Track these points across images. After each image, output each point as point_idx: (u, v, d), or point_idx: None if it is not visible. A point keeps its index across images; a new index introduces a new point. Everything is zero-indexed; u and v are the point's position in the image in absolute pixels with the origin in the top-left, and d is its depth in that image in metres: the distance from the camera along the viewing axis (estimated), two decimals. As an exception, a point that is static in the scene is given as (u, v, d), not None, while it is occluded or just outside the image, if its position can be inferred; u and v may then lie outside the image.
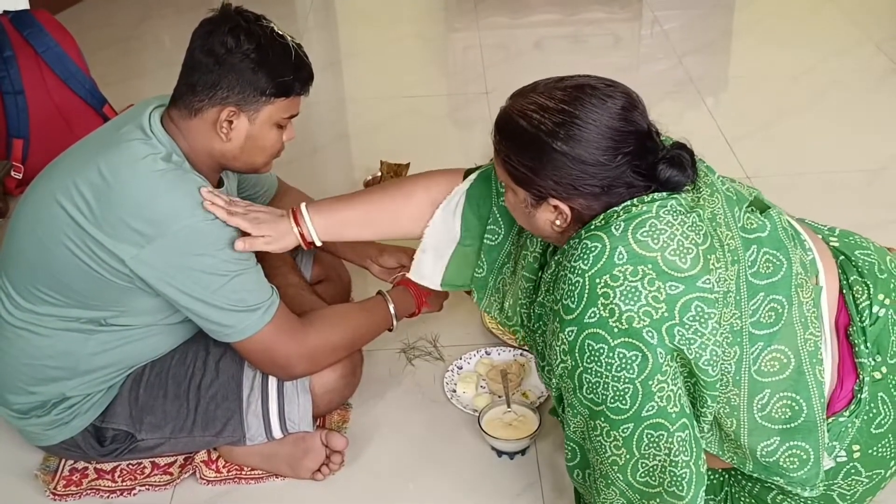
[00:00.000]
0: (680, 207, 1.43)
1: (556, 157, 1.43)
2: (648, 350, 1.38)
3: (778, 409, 1.51)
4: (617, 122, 1.43)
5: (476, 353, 2.26)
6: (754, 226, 1.52)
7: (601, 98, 1.43)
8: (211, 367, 1.88)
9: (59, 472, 1.98)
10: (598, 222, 1.44)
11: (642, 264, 1.38)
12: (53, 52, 3.10)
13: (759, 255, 1.50)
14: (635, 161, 1.44)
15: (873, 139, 3.19)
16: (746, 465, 1.57)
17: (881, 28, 4.11)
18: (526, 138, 1.46)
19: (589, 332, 1.40)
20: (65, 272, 1.71)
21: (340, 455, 1.93)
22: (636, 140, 1.44)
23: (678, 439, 1.43)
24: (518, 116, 1.47)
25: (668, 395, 1.41)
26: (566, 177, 1.44)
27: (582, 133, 1.41)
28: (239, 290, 1.70)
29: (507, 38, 4.35)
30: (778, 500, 1.64)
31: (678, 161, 1.45)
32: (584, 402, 1.46)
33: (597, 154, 1.42)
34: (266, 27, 1.70)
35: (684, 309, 1.38)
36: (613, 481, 1.49)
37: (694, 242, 1.41)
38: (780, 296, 1.49)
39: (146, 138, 1.69)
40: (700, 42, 4.16)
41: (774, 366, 1.49)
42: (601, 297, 1.38)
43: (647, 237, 1.39)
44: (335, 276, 2.30)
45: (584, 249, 1.41)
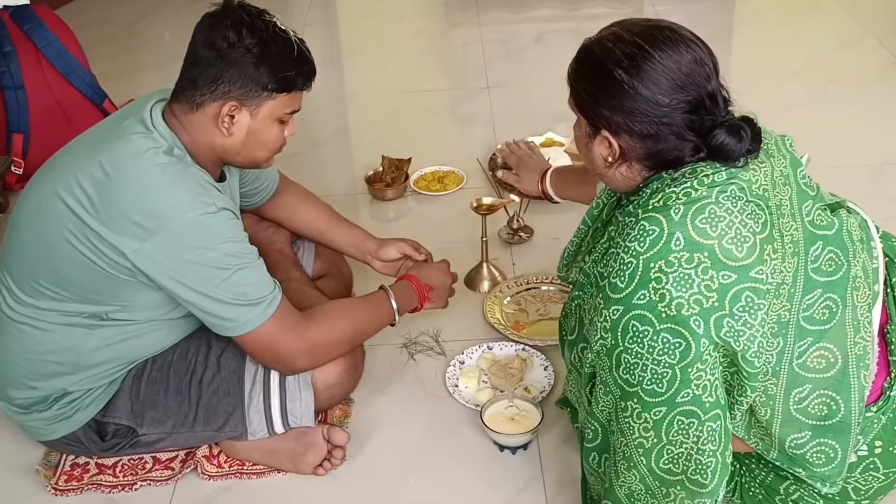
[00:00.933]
0: (741, 193, 1.42)
1: (615, 85, 1.44)
2: (693, 339, 1.38)
3: (816, 405, 1.51)
4: (684, 68, 1.43)
5: (478, 347, 2.25)
6: (823, 223, 1.52)
7: (676, 41, 1.44)
8: (213, 362, 1.88)
9: (60, 467, 1.98)
10: (657, 202, 1.43)
11: (699, 252, 1.38)
12: (54, 46, 3.10)
13: (824, 252, 1.50)
14: (690, 113, 1.44)
15: (875, 133, 3.19)
16: (771, 452, 1.57)
17: (882, 22, 4.10)
18: (593, 64, 1.48)
19: (636, 313, 1.40)
20: (66, 266, 1.70)
21: (342, 450, 1.93)
22: (696, 92, 1.44)
23: (708, 429, 1.43)
24: (595, 45, 1.50)
25: (705, 385, 1.41)
26: (620, 108, 1.45)
27: (645, 66, 1.42)
28: (241, 284, 1.69)
29: (507, 33, 4.35)
30: (791, 492, 1.64)
31: (735, 130, 1.44)
32: (618, 382, 1.46)
33: (654, 91, 1.42)
34: (269, 22, 1.70)
35: (735, 299, 1.38)
36: (636, 464, 1.49)
37: (752, 231, 1.40)
38: (836, 295, 1.49)
39: (147, 132, 1.68)
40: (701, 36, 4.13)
41: (821, 363, 1.49)
42: (653, 281, 1.38)
43: (706, 224, 1.39)
44: (336, 271, 2.30)
45: (641, 231, 1.41)
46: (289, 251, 2.14)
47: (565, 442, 1.98)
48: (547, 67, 3.87)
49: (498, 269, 2.54)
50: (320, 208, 2.22)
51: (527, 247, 2.67)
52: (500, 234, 2.71)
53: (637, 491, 1.53)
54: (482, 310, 2.39)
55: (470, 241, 2.58)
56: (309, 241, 2.24)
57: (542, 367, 2.17)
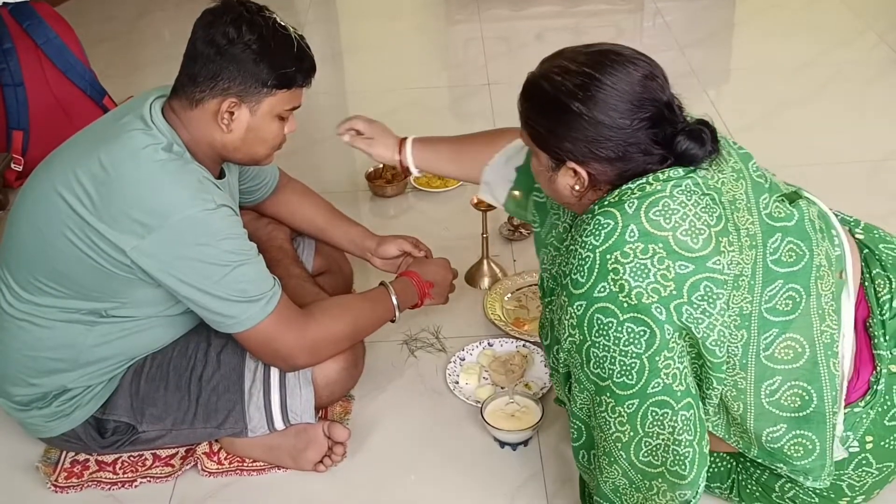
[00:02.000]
0: (696, 188, 1.44)
1: (574, 118, 1.45)
2: (656, 326, 1.39)
3: (788, 396, 1.51)
4: (637, 87, 1.44)
5: (478, 344, 2.25)
6: (781, 215, 1.53)
7: (623, 63, 1.45)
8: (212, 359, 1.88)
9: (60, 464, 1.98)
10: (612, 198, 1.45)
11: (653, 243, 1.39)
12: (53, 43, 3.09)
13: (783, 244, 1.50)
14: (652, 128, 1.45)
15: (876, 130, 3.19)
16: (752, 449, 1.58)
17: (883, 18, 4.10)
18: (547, 99, 1.48)
19: (598, 306, 1.42)
20: (65, 263, 1.70)
21: (343, 446, 1.93)
22: (654, 107, 1.45)
23: (682, 418, 1.44)
24: (542, 80, 1.50)
25: (674, 373, 1.42)
26: (583, 138, 1.45)
27: (600, 95, 1.43)
28: (241, 281, 1.69)
29: (508, 30, 4.34)
30: (786, 489, 1.65)
31: (697, 135, 1.46)
32: (590, 377, 1.47)
33: (614, 116, 1.43)
34: (268, 18, 1.69)
35: (693, 288, 1.39)
36: (616, 459, 1.51)
37: (706, 223, 1.42)
38: (799, 285, 1.50)
39: (147, 129, 1.68)
40: (702, 33, 4.15)
41: (788, 354, 1.50)
42: (611, 273, 1.40)
43: (660, 216, 1.41)
44: (337, 268, 2.30)
45: (595, 225, 1.43)
46: (289, 248, 2.14)
47: (565, 438, 1.98)
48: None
49: (498, 265, 2.54)
50: (320, 205, 2.22)
51: (527, 243, 2.67)
52: (501, 230, 2.71)
53: (622, 486, 1.55)
54: (483, 306, 2.39)
55: (470, 238, 2.58)
56: (309, 237, 2.24)
57: (542, 364, 2.17)
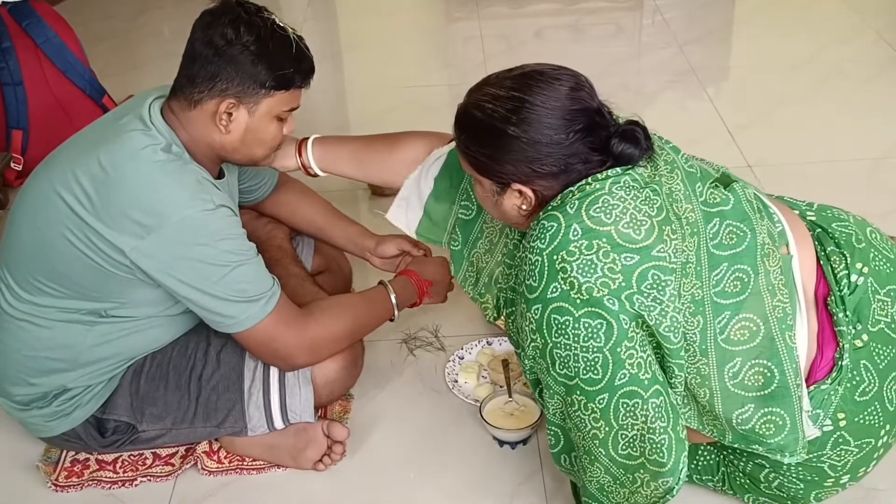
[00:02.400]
0: (634, 183, 1.48)
1: (511, 142, 1.49)
2: (611, 317, 1.42)
3: (750, 376, 1.53)
4: (566, 101, 1.49)
5: (477, 343, 2.26)
6: (717, 200, 1.56)
7: (548, 81, 1.51)
8: (212, 358, 1.88)
9: (60, 464, 1.98)
10: (555, 203, 1.50)
11: (596, 238, 1.43)
12: (52, 43, 3.09)
13: (722, 227, 1.54)
14: (588, 137, 1.49)
15: (875, 127, 3.19)
16: (726, 436, 1.59)
17: (882, 16, 4.09)
18: (482, 127, 1.53)
19: (553, 306, 1.44)
20: (65, 263, 1.70)
21: (342, 445, 1.93)
22: (586, 117, 1.50)
23: (653, 405, 1.46)
24: (473, 109, 1.54)
25: (639, 363, 1.45)
26: (523, 159, 1.50)
27: (533, 115, 1.48)
28: (240, 281, 1.69)
29: (507, 28, 4.34)
30: (771, 479, 1.66)
31: (630, 135, 1.51)
32: (558, 380, 1.50)
33: (550, 133, 1.48)
34: (267, 19, 1.69)
35: (641, 278, 1.42)
36: (597, 457, 1.52)
37: (647, 215, 1.46)
38: (745, 265, 1.52)
39: (146, 129, 1.68)
40: (701, 31, 4.16)
41: (744, 334, 1.52)
42: (560, 272, 1.43)
43: (600, 213, 1.45)
44: (336, 267, 2.30)
45: (541, 229, 1.47)
46: (288, 247, 2.14)
47: (565, 437, 1.99)
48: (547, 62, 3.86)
49: (497, 264, 2.54)
50: (319, 204, 2.22)
51: (526, 242, 2.67)
52: (500, 229, 2.71)
53: (606, 483, 1.56)
54: (481, 305, 2.39)
55: (469, 237, 2.58)
56: (308, 237, 2.24)
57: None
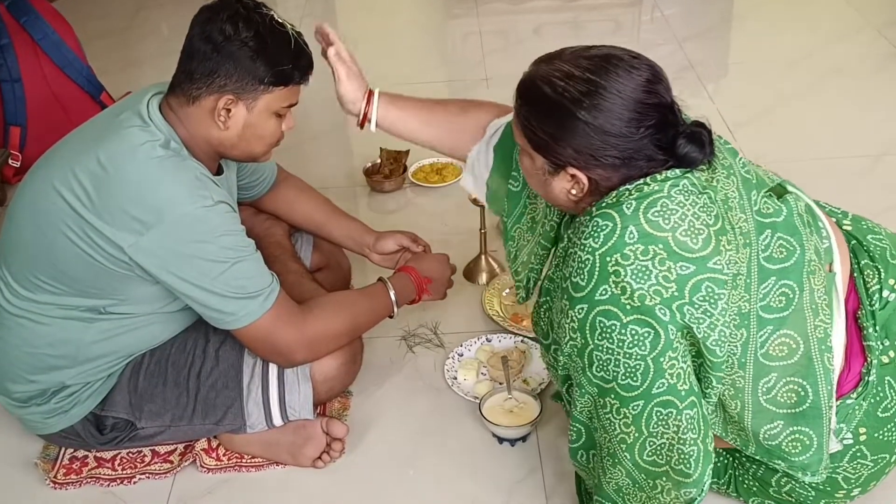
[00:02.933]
0: (692, 187, 1.43)
1: (579, 126, 1.41)
2: (660, 327, 1.38)
3: (784, 393, 1.51)
4: (642, 93, 1.41)
5: (477, 340, 2.25)
6: (770, 210, 1.52)
7: (627, 69, 1.42)
8: (211, 355, 1.88)
9: (58, 461, 1.98)
10: (610, 199, 1.44)
11: (653, 244, 1.38)
12: (50, 39, 3.09)
13: (773, 240, 1.49)
14: (657, 134, 1.43)
15: (874, 124, 3.18)
16: (749, 447, 1.58)
17: (881, 13, 4.09)
18: (549, 105, 1.44)
19: (600, 309, 1.40)
20: (63, 260, 1.70)
21: (341, 442, 1.93)
22: (659, 113, 1.43)
23: (687, 417, 1.44)
24: (542, 83, 1.45)
25: (678, 373, 1.41)
26: (587, 146, 1.42)
27: (606, 103, 1.40)
28: (239, 277, 1.69)
29: (506, 24, 4.33)
30: (782, 483, 1.65)
31: (697, 137, 1.44)
32: (593, 381, 1.46)
33: (620, 125, 1.40)
34: (266, 15, 1.69)
35: (694, 289, 1.38)
36: (620, 460, 1.50)
37: (705, 223, 1.41)
38: (792, 281, 1.49)
39: (144, 125, 1.68)
40: (700, 27, 4.15)
41: (783, 350, 1.49)
42: (612, 275, 1.38)
43: (659, 217, 1.39)
44: (335, 264, 2.30)
45: (594, 227, 1.41)
46: (287, 243, 2.14)
47: (564, 434, 1.98)
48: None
49: (497, 260, 2.53)
50: (318, 201, 2.22)
51: (525, 239, 2.67)
52: (499, 225, 2.69)
53: (625, 485, 1.54)
54: (481, 302, 2.39)
55: (468, 233, 2.58)
56: (307, 233, 2.24)
57: (540, 359, 2.17)
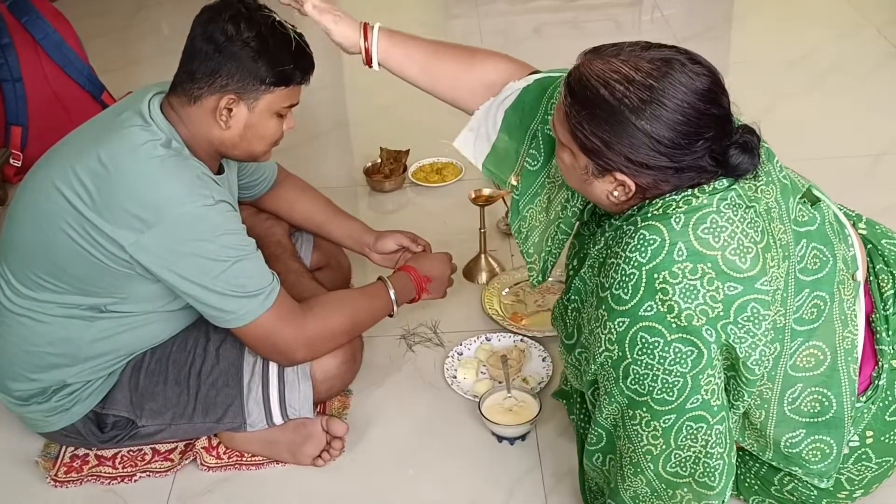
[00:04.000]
0: (739, 200, 1.38)
1: (635, 135, 1.34)
2: (704, 346, 1.36)
3: (808, 402, 1.50)
4: (703, 104, 1.34)
5: (476, 339, 2.26)
6: (805, 219, 1.49)
7: (689, 76, 1.35)
8: (211, 354, 1.88)
9: (59, 459, 1.98)
10: (656, 210, 1.39)
11: (702, 263, 1.34)
12: (51, 39, 3.09)
13: (808, 251, 1.47)
14: (713, 145, 1.37)
15: (874, 123, 3.18)
16: (766, 453, 1.57)
17: (881, 12, 4.09)
18: (606, 109, 1.35)
19: (644, 325, 1.37)
20: (64, 259, 1.71)
21: (341, 441, 1.94)
22: (716, 124, 1.36)
23: (716, 432, 1.42)
24: (599, 83, 1.36)
25: (713, 389, 1.40)
26: (641, 155, 1.35)
27: (666, 112, 1.33)
28: (239, 276, 1.69)
29: (506, 24, 4.34)
30: (785, 482, 1.65)
31: (749, 147, 1.38)
32: (625, 392, 1.43)
33: (677, 137, 1.34)
34: (267, 16, 1.69)
35: (740, 310, 1.35)
36: (643, 470, 1.48)
37: (753, 241, 1.37)
38: (824, 292, 1.47)
39: (145, 125, 1.68)
40: (701, 27, 4.15)
41: (810, 361, 1.48)
42: (659, 293, 1.35)
43: (709, 234, 1.35)
44: (335, 263, 2.30)
45: (641, 240, 1.36)
46: (287, 243, 2.14)
47: (563, 433, 1.99)
48: (546, 59, 3.84)
49: (496, 260, 2.54)
50: (318, 200, 2.22)
51: (525, 238, 2.67)
52: (499, 225, 2.71)
53: (643, 494, 1.52)
54: (480, 301, 2.39)
55: (468, 233, 2.58)
56: (307, 233, 2.24)
57: (540, 359, 2.18)
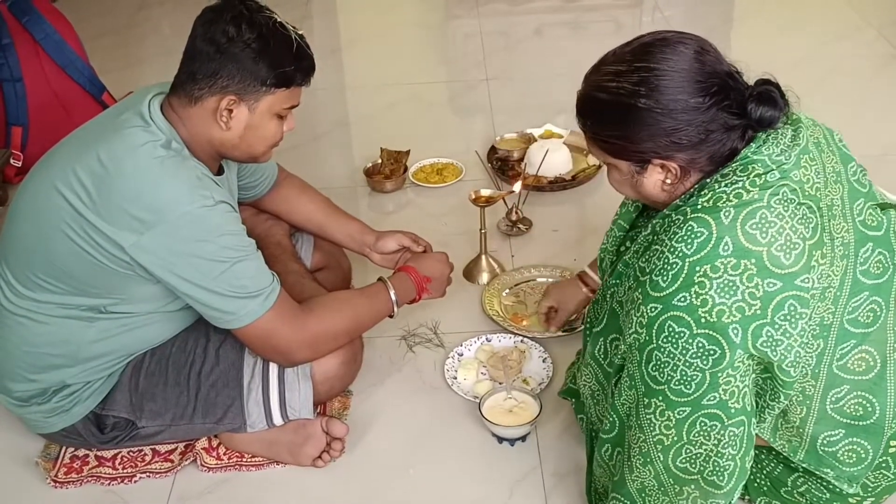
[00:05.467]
0: (793, 195, 1.38)
1: (645, 115, 1.39)
2: (729, 348, 1.36)
3: (851, 405, 1.50)
4: (694, 64, 1.39)
5: (476, 339, 2.26)
6: (874, 223, 1.49)
7: (672, 46, 1.40)
8: (211, 355, 1.88)
9: (59, 460, 1.98)
10: (705, 201, 1.39)
11: (746, 258, 1.34)
12: (52, 39, 3.09)
13: (872, 254, 1.47)
14: (724, 101, 1.39)
15: (874, 125, 3.18)
16: (798, 453, 1.56)
17: (881, 13, 4.09)
18: (609, 108, 1.43)
19: (674, 314, 1.38)
20: (64, 260, 1.70)
21: (341, 442, 1.93)
22: (718, 79, 1.39)
23: (730, 434, 1.42)
24: (595, 91, 1.44)
25: (733, 391, 1.39)
26: (660, 132, 1.39)
27: (663, 82, 1.37)
28: (240, 277, 1.69)
29: (507, 24, 4.34)
30: (798, 483, 1.64)
31: (767, 97, 1.40)
32: (644, 378, 1.45)
33: (684, 99, 1.38)
34: (269, 17, 1.69)
35: (778, 307, 1.35)
36: (652, 461, 1.49)
37: (802, 237, 1.37)
38: (881, 298, 1.47)
39: (146, 125, 1.68)
40: (701, 28, 4.07)
41: (861, 366, 1.48)
42: (696, 286, 1.35)
43: (756, 230, 1.35)
44: (335, 264, 2.30)
45: (688, 231, 1.37)
46: (287, 243, 2.14)
47: (564, 433, 1.99)
48: (546, 59, 3.87)
49: (496, 260, 2.54)
50: (318, 201, 2.22)
51: (525, 239, 2.67)
52: (499, 225, 2.71)
53: (649, 487, 1.52)
54: (481, 302, 2.39)
55: (468, 233, 2.58)
56: (307, 233, 2.24)
57: (540, 359, 2.18)
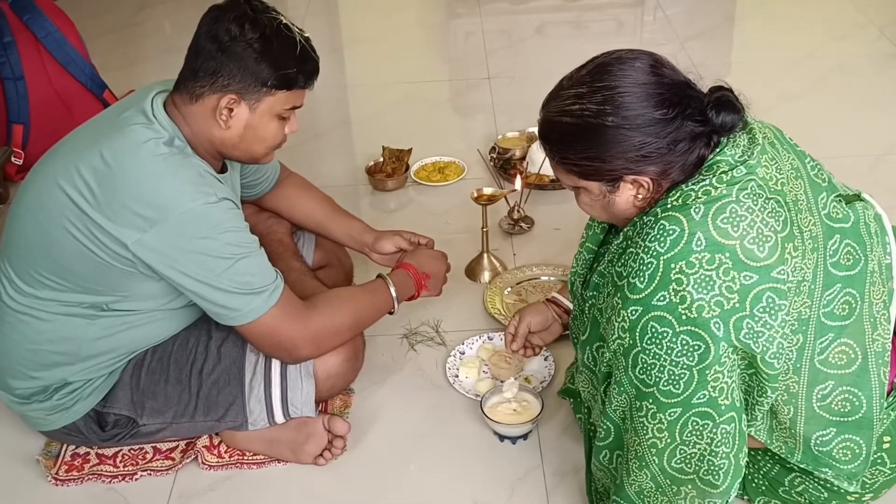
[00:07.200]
0: (760, 190, 1.40)
1: (612, 133, 1.41)
2: (712, 341, 1.37)
3: (838, 401, 1.50)
4: (652, 77, 1.41)
5: (478, 338, 2.25)
6: (839, 216, 1.50)
7: (628, 62, 1.42)
8: (213, 352, 1.88)
9: (60, 457, 1.98)
10: (675, 201, 1.41)
11: (720, 252, 1.36)
12: (53, 37, 3.09)
13: (842, 246, 1.48)
14: (686, 110, 1.41)
15: (876, 124, 3.19)
16: (795, 454, 1.56)
17: (884, 12, 4.09)
18: (576, 131, 1.44)
19: (655, 314, 1.39)
20: (67, 257, 1.70)
21: (342, 440, 1.93)
22: (677, 89, 1.42)
23: (723, 431, 1.43)
24: (559, 116, 1.46)
25: (722, 387, 1.40)
26: (630, 147, 1.41)
27: (627, 99, 1.40)
28: (244, 273, 1.69)
29: (508, 23, 4.34)
30: (796, 483, 1.64)
31: (725, 101, 1.42)
32: (633, 382, 1.45)
33: (648, 113, 1.40)
34: (274, 18, 1.69)
35: (756, 300, 1.36)
36: (648, 464, 1.49)
37: (773, 229, 1.39)
38: (855, 290, 1.48)
39: (148, 123, 1.68)
40: (702, 27, 4.15)
41: (842, 359, 1.49)
42: (673, 283, 1.37)
43: (727, 224, 1.37)
44: (337, 262, 2.30)
45: (660, 230, 1.39)
46: (289, 241, 2.14)
47: (565, 432, 1.99)
48: (548, 58, 3.86)
49: (498, 259, 2.54)
50: (320, 199, 2.22)
51: (527, 237, 2.67)
52: (501, 224, 2.71)
53: (647, 489, 1.53)
54: (483, 300, 2.39)
55: (470, 232, 2.58)
56: (308, 231, 2.24)
57: (542, 358, 2.18)
